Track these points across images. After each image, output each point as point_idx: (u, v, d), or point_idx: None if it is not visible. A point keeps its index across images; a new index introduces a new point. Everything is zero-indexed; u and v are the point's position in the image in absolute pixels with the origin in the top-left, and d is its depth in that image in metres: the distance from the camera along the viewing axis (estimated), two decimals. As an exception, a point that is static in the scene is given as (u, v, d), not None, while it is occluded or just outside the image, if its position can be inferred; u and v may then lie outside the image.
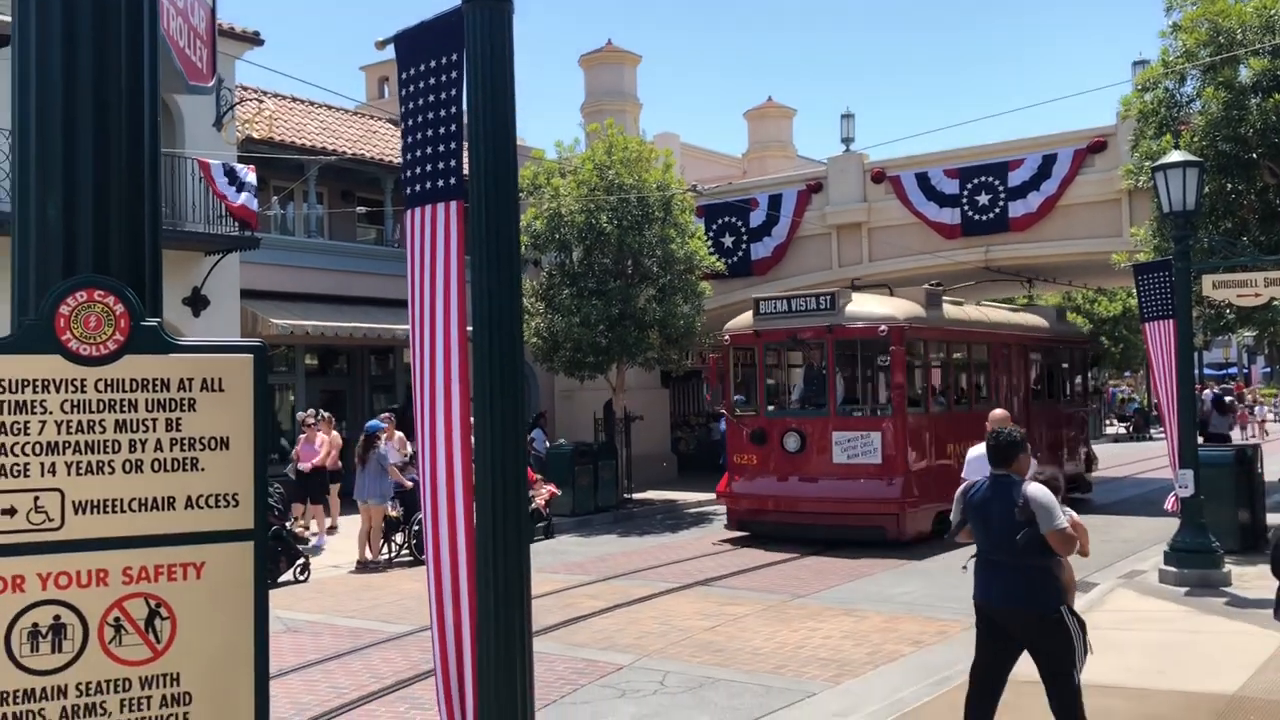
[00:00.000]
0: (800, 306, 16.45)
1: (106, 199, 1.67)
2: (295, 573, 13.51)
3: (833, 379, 16.17)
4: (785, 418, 16.47)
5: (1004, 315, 20.07)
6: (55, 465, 1.63)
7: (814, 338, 16.28)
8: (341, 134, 24.23)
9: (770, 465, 16.37)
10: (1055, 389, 21.29)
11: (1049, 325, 21.54)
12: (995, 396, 18.15)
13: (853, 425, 15.94)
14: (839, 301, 16.15)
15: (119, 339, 1.66)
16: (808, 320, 16.16)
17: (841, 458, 15.72)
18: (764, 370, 16.86)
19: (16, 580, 1.60)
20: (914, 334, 16.17)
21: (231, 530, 1.72)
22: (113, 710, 1.65)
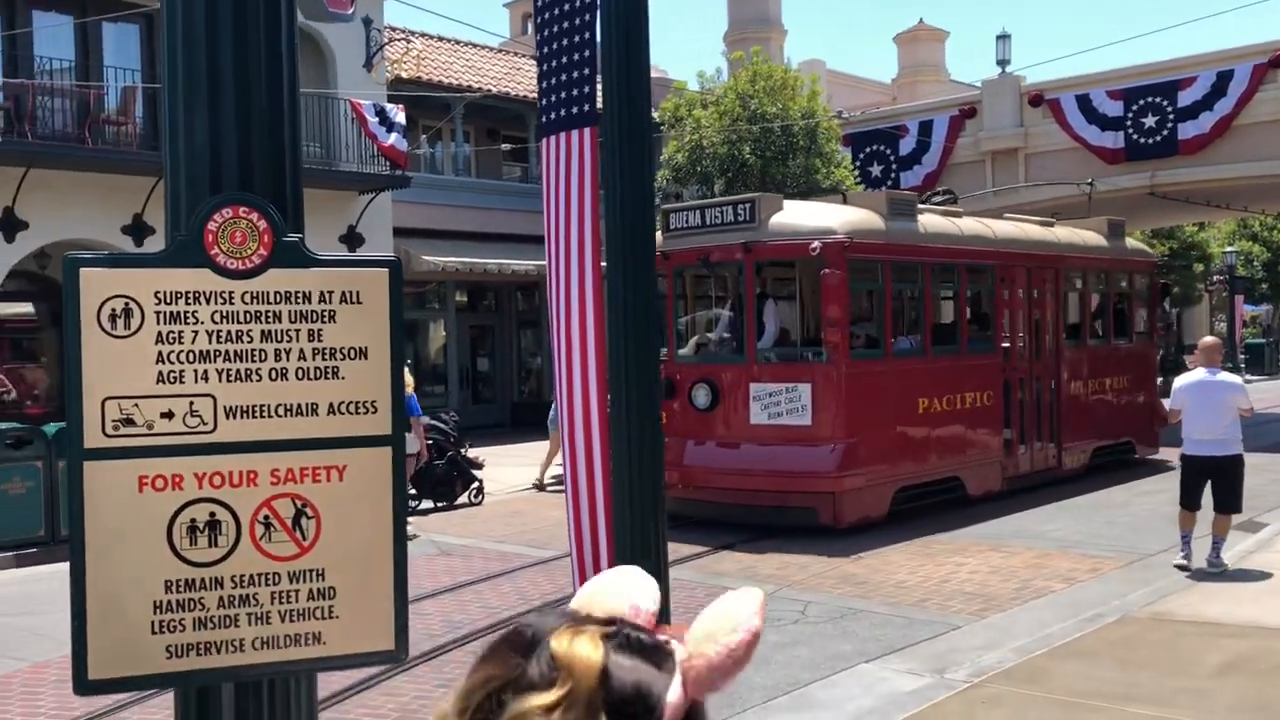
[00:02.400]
0: (715, 219, 12.32)
1: (248, 121, 1.76)
2: (470, 496, 14.07)
3: (750, 314, 12.05)
4: (697, 365, 12.52)
5: (1024, 231, 15.15)
6: (207, 372, 1.74)
7: (728, 259, 12.21)
8: (486, 72, 24.53)
9: (678, 426, 12.12)
10: (1105, 326, 16.60)
11: (1100, 245, 16.48)
12: (1004, 335, 14.18)
13: (776, 375, 11.92)
14: (761, 211, 11.97)
15: (263, 254, 1.75)
16: (721, 237, 12.14)
17: (761, 417, 11.79)
18: (673, 303, 13.05)
19: (176, 478, 1.72)
20: (863, 252, 11.95)
21: (370, 435, 1.81)
22: (264, 601, 1.77)
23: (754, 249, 11.85)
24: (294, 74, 1.82)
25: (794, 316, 12.94)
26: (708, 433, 12.19)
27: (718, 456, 12.02)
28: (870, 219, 12.32)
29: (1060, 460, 14.90)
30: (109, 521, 1.69)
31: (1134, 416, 16.67)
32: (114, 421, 1.70)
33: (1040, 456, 14.60)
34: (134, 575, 1.71)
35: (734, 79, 20.00)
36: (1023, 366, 14.43)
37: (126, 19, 17.51)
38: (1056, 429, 14.87)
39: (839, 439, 11.54)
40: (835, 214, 12.23)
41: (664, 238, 12.38)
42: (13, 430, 12.50)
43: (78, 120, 16.92)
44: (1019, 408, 14.14)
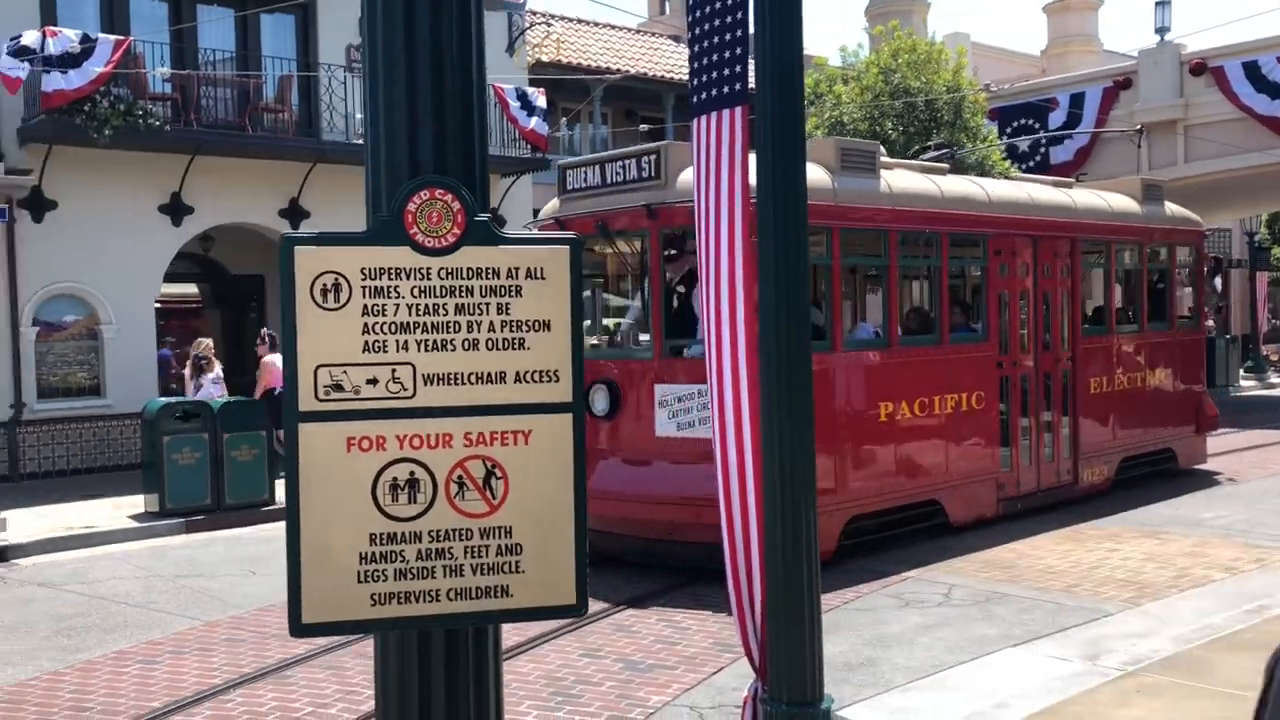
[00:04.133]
0: (616, 177, 9.68)
1: (443, 107, 1.88)
2: None
3: (656, 295, 9.46)
4: (596, 361, 9.70)
5: (1029, 193, 12.36)
6: (407, 342, 1.88)
7: (629, 227, 9.57)
8: (624, 53, 24.71)
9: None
10: (1137, 309, 13.80)
11: (1131, 210, 13.64)
12: (999, 320, 11.39)
13: (688, 374, 9.01)
14: (668, 165, 9.25)
15: (456, 232, 1.88)
16: (622, 199, 9.52)
17: (669, 428, 9.12)
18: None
19: (379, 440, 1.87)
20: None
21: (554, 402, 1.93)
22: (458, 555, 1.91)
23: (659, 213, 9.04)
24: (482, 62, 1.94)
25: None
26: (610, 447, 9.49)
27: (618, 477, 9.28)
28: (811, 175, 10.04)
29: (1076, 475, 12.25)
30: (321, 478, 1.85)
31: (1174, 419, 13.88)
32: (325, 387, 1.86)
33: (1049, 471, 11.94)
34: (342, 528, 1.87)
35: (876, 53, 19.69)
36: (1026, 360, 11.71)
37: (283, 10, 18.26)
38: (1071, 437, 12.24)
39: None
40: None
41: (559, 202, 10.22)
42: (182, 404, 13.29)
43: (238, 109, 17.76)
44: (1021, 412, 11.65)
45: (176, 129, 16.53)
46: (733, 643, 7.27)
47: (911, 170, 11.26)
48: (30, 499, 13.78)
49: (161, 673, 7.26)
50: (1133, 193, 13.95)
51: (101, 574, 10.41)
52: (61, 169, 16.00)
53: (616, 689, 6.62)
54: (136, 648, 7.88)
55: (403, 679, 1.90)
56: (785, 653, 3.74)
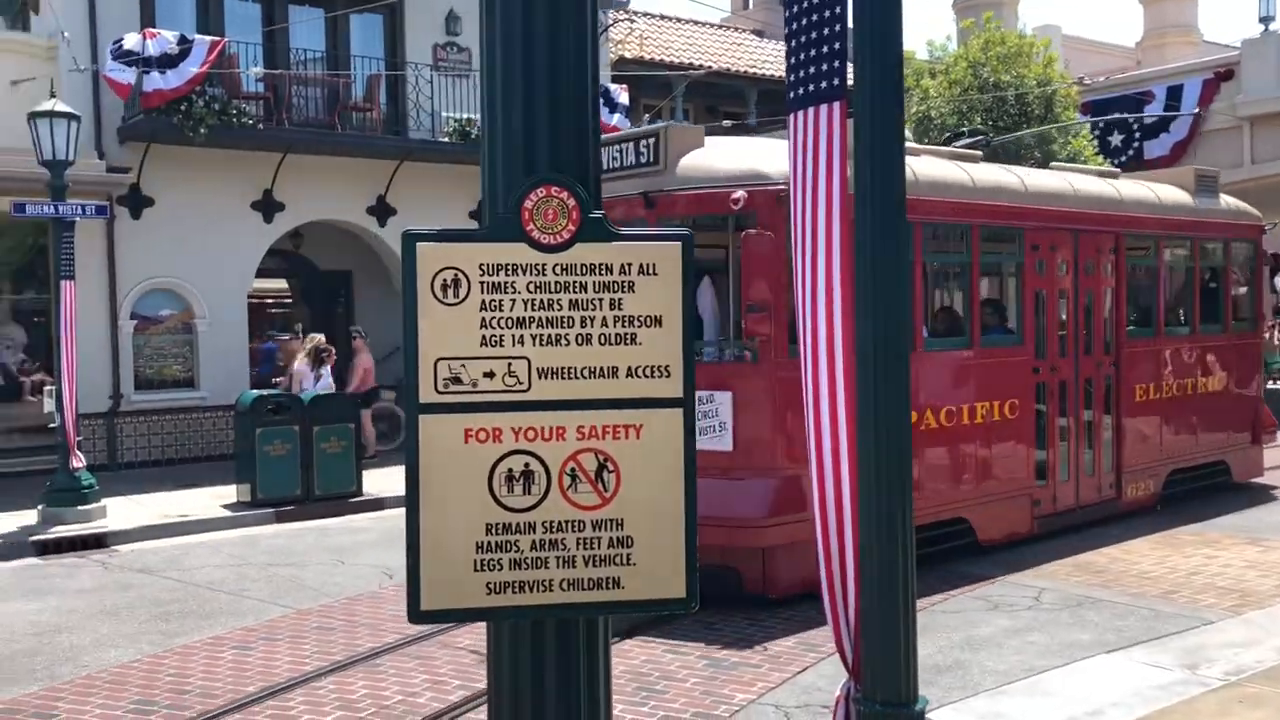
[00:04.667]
0: (614, 162, 9.03)
1: (559, 105, 1.91)
2: None
3: None
4: None
5: (1071, 184, 11.27)
6: (523, 337, 1.92)
7: (625, 216, 8.72)
8: (707, 49, 24.67)
9: None
10: (1188, 309, 12.78)
11: (1183, 203, 12.57)
12: (1036, 321, 10.39)
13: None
14: (667, 149, 8.68)
15: (571, 229, 1.91)
16: (618, 186, 8.89)
17: None
18: None
19: (495, 431, 1.91)
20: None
21: (664, 397, 1.95)
22: (570, 546, 1.94)
23: (657, 201, 8.37)
24: (596, 59, 1.97)
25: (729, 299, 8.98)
26: None
27: None
28: None
29: (1120, 490, 11.25)
30: (440, 468, 1.90)
31: (1228, 428, 12.81)
32: (444, 380, 1.90)
33: (1090, 486, 10.94)
34: (460, 517, 1.91)
35: (964, 47, 19.39)
36: (1066, 366, 10.71)
37: (372, 10, 18.58)
38: (1114, 448, 11.24)
39: (772, 471, 8.05)
40: (772, 153, 8.22)
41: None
42: (274, 397, 13.62)
43: (328, 107, 18.12)
44: (1060, 421, 10.63)
45: (268, 128, 16.92)
46: (816, 642, 7.24)
47: (940, 157, 10.20)
48: (127, 488, 14.24)
49: (255, 658, 7.46)
50: (1184, 184, 12.84)
51: (196, 561, 10.72)
52: (158, 167, 16.49)
53: (701, 685, 6.63)
54: (231, 633, 8.10)
55: (516, 668, 1.93)
56: (880, 653, 3.71)
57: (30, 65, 16.75)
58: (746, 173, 8.26)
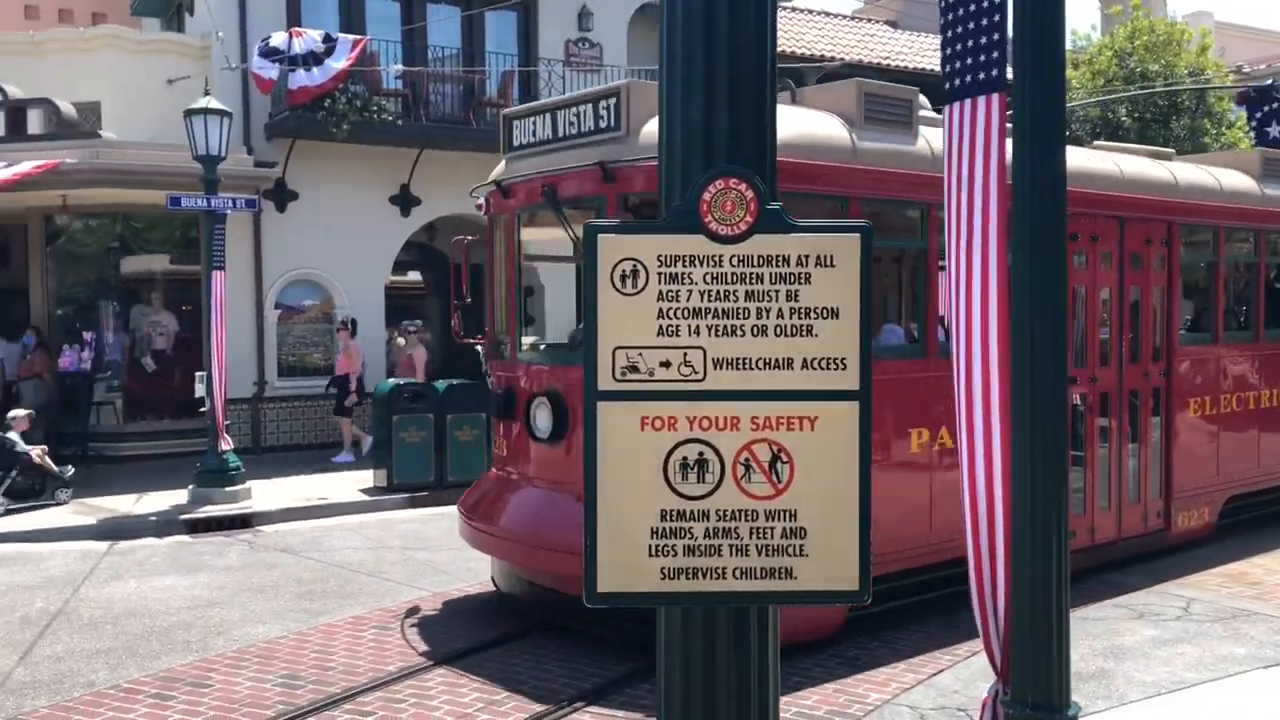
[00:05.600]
0: (570, 128, 7.53)
1: (738, 96, 1.92)
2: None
3: None
4: (542, 368, 7.83)
5: (1116, 165, 9.64)
6: (699, 327, 1.94)
7: (582, 193, 7.38)
8: (840, 40, 24.36)
9: (517, 463, 7.89)
10: (1252, 311, 11.06)
11: (1246, 190, 10.81)
12: (1074, 324, 8.79)
13: None
14: (629, 112, 7.10)
15: (749, 221, 1.92)
16: (573, 156, 7.37)
17: None
18: (515, 266, 8.12)
19: (671, 420, 1.94)
20: (805, 183, 6.95)
21: (840, 390, 1.95)
22: (743, 535, 1.95)
23: (616, 174, 6.82)
24: (774, 49, 1.97)
25: None
26: (554, 477, 7.30)
27: (565, 519, 6.90)
28: (826, 128, 6.98)
29: (1168, 519, 9.70)
30: (616, 454, 1.94)
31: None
32: (622, 368, 1.94)
33: (1133, 515, 9.41)
34: (635, 503, 1.94)
35: (1110, 36, 18.71)
36: (1107, 375, 9.21)
37: (506, 7, 18.90)
38: (1163, 471, 9.68)
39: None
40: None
41: (505, 163, 8.13)
42: (410, 385, 14.01)
43: (463, 103, 18.50)
44: (1099, 440, 9.10)
45: (406, 124, 17.38)
46: (952, 644, 7.11)
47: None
48: (270, 470, 14.83)
49: (394, 638, 7.70)
50: (1249, 169, 11.11)
51: (336, 543, 11.11)
52: (302, 162, 17.09)
53: (835, 685, 6.58)
54: (371, 613, 8.38)
55: (688, 654, 1.96)
56: (1031, 656, 3.63)
57: (185, 64, 17.58)
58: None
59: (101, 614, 8.37)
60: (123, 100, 17.36)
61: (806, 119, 7.16)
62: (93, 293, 17.09)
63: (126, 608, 8.56)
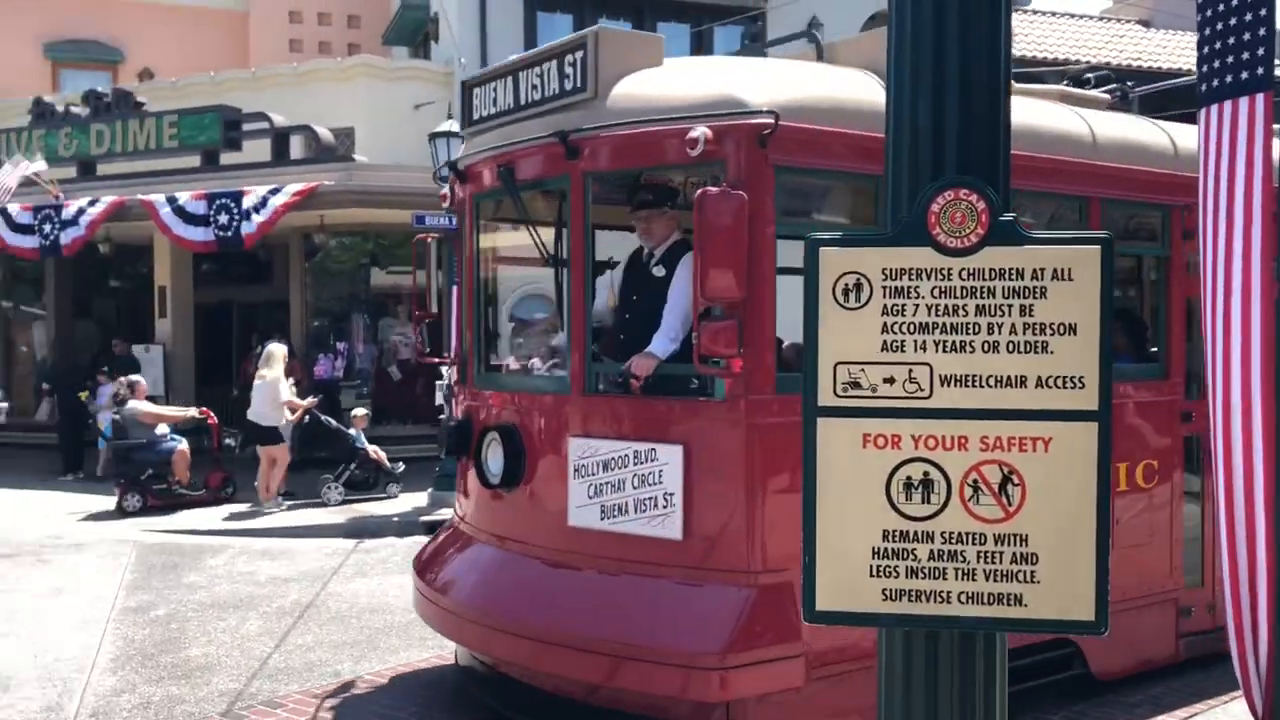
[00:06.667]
0: (533, 93, 5.65)
1: (969, 106, 1.87)
2: None
3: (578, 288, 5.29)
4: (501, 394, 5.98)
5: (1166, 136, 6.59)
6: (925, 343, 1.89)
7: (542, 174, 5.57)
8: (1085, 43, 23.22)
9: (472, 512, 6.12)
10: None
11: None
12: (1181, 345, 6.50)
13: (616, 421, 5.18)
14: (598, 70, 5.23)
15: (979, 233, 1.86)
16: (535, 128, 5.49)
17: (589, 513, 5.10)
18: (474, 263, 6.36)
19: (894, 438, 1.90)
20: (820, 156, 4.98)
21: (1077, 410, 1.85)
22: (969, 558, 1.89)
23: (581, 147, 5.21)
24: (1009, 60, 1.90)
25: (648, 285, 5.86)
26: (507, 531, 5.67)
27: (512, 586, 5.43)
28: (854, 88, 5.22)
29: None
30: (836, 472, 1.91)
31: None
32: (843, 384, 1.91)
33: None
34: (856, 522, 1.91)
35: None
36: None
37: (734, 22, 19.04)
38: None
39: (745, 571, 4.77)
40: (760, 71, 5.36)
41: (465, 141, 6.52)
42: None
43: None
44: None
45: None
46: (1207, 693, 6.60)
47: (1033, 98, 6.38)
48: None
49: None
50: None
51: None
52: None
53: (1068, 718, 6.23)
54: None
55: (909, 678, 1.90)
56: (1296, 704, 3.32)
57: (430, 90, 18.62)
58: (714, 99, 4.91)
59: (347, 608, 8.93)
60: (374, 125, 18.56)
61: (828, 77, 5.32)
62: (345, 306, 18.32)
63: (369, 603, 9.10)
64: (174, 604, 8.24)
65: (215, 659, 6.79)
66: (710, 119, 4.75)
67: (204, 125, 15.72)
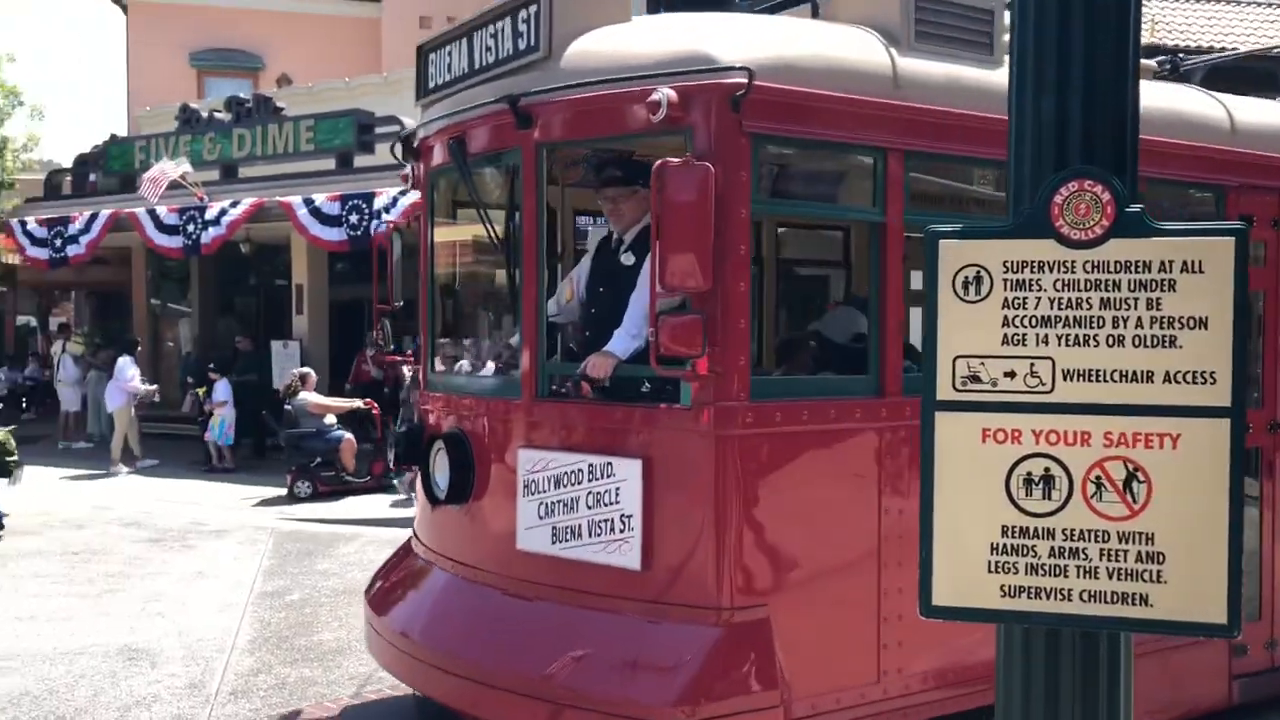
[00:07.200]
0: (487, 56, 4.72)
1: (1094, 97, 1.83)
2: None
3: (531, 271, 4.49)
4: (453, 399, 5.13)
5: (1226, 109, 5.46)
6: (1047, 337, 1.87)
7: (491, 146, 4.73)
8: (1233, 29, 22.19)
9: (424, 529, 5.32)
10: None
11: None
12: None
13: (567, 431, 4.40)
14: (552, 24, 4.37)
15: (1104, 224, 1.82)
16: (484, 94, 4.66)
17: (538, 536, 4.34)
18: (430, 249, 5.45)
19: (1014, 433, 1.88)
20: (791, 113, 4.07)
21: (1208, 406, 1.80)
22: (1092, 556, 1.85)
23: (532, 114, 4.42)
24: (1137, 48, 1.85)
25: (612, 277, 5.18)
26: (459, 554, 4.90)
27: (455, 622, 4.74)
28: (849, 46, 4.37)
29: None
30: (954, 466, 1.90)
31: None
32: (962, 378, 1.90)
33: None
34: (974, 516, 1.89)
35: None
36: None
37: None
38: None
39: (713, 608, 4.01)
40: (739, 28, 4.42)
41: (421, 110, 5.57)
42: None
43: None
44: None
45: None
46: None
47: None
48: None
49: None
50: None
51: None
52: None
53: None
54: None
55: (1028, 676, 1.88)
56: None
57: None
58: (681, 56, 4.12)
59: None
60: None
61: (820, 33, 4.51)
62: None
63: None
64: (307, 589, 8.57)
65: (345, 643, 7.04)
66: (676, 78, 3.99)
67: (339, 129, 16.26)
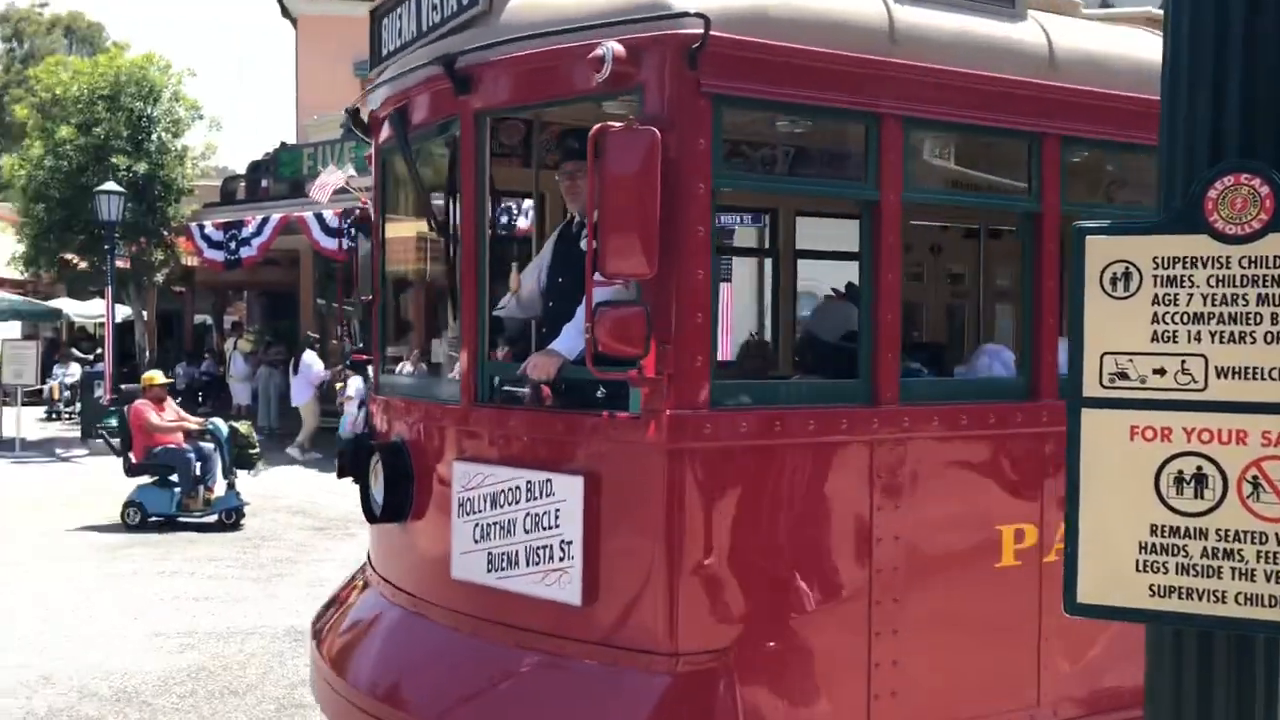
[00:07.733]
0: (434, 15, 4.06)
1: (1253, 86, 1.79)
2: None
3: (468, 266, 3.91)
4: (390, 399, 4.59)
5: None
6: (1199, 333, 1.83)
7: (432, 118, 4.16)
8: None
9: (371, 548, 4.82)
10: None
11: None
12: None
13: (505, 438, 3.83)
14: None
15: (1263, 219, 1.78)
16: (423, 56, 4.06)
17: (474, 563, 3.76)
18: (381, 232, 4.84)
19: (1165, 431, 1.85)
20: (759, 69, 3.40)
21: (1371, 405, 1.73)
22: (1248, 558, 1.81)
23: (471, 77, 3.79)
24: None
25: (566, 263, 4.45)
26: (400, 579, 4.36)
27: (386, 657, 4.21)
28: None
29: None
30: (1102, 464, 1.88)
31: None
32: (1109, 375, 1.88)
33: None
34: (1122, 514, 1.87)
35: None
36: None
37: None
38: None
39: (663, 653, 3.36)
40: None
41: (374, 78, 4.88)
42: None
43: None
44: None
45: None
46: None
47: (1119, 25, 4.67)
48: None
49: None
50: None
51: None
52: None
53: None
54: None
55: (1179, 679, 1.84)
56: None
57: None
58: (630, 5, 3.46)
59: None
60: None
61: None
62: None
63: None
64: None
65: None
66: (624, 29, 3.36)
67: (491, 133, 16.72)
